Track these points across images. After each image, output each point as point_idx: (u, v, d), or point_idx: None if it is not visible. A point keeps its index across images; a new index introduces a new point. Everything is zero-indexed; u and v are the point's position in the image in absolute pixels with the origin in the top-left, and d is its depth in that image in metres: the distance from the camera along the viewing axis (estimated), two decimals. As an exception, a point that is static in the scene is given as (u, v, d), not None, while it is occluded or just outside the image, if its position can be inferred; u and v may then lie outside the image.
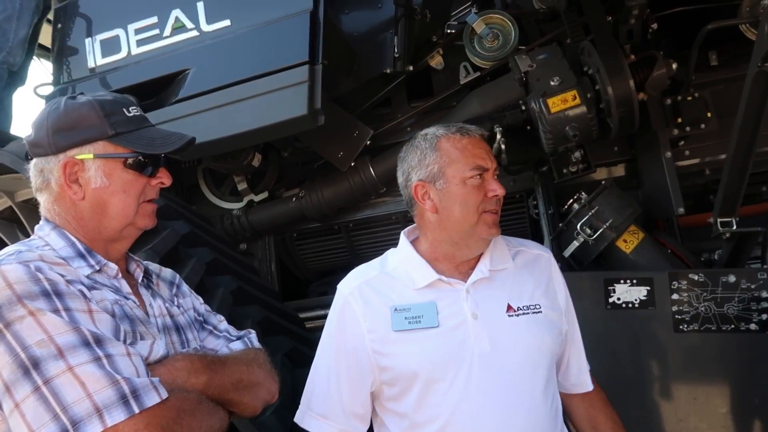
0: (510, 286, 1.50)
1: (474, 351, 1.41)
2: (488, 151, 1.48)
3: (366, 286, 1.50)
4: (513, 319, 1.45)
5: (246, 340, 1.48)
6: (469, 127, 1.51)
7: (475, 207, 1.45)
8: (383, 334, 1.45)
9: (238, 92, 2.51)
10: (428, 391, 1.42)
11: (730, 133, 2.62)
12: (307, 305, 3.00)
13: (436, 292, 1.47)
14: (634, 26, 2.60)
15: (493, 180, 1.47)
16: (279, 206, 3.09)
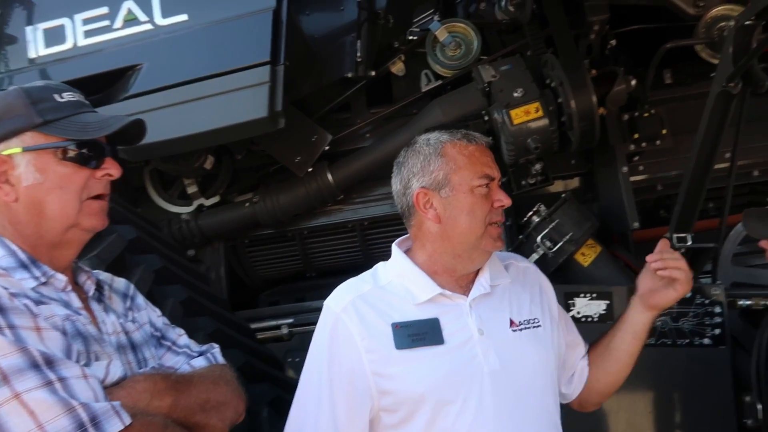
0: (509, 300, 1.44)
1: (483, 369, 1.33)
2: (494, 160, 1.43)
3: (360, 301, 1.37)
4: (517, 335, 1.40)
5: (209, 356, 1.36)
6: (474, 133, 1.44)
7: (482, 217, 1.37)
8: (384, 353, 1.32)
9: (194, 91, 2.40)
10: (438, 415, 1.30)
11: (682, 150, 2.72)
12: (258, 315, 2.88)
13: (437, 307, 1.37)
14: (594, 42, 2.64)
15: (499, 190, 1.41)
16: (231, 211, 2.96)
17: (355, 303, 1.37)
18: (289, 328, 2.76)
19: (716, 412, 2.11)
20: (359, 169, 2.83)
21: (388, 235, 3.02)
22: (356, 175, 2.84)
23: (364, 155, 2.84)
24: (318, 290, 3.09)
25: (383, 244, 3.04)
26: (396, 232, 3.01)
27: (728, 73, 1.81)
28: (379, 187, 2.95)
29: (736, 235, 2.41)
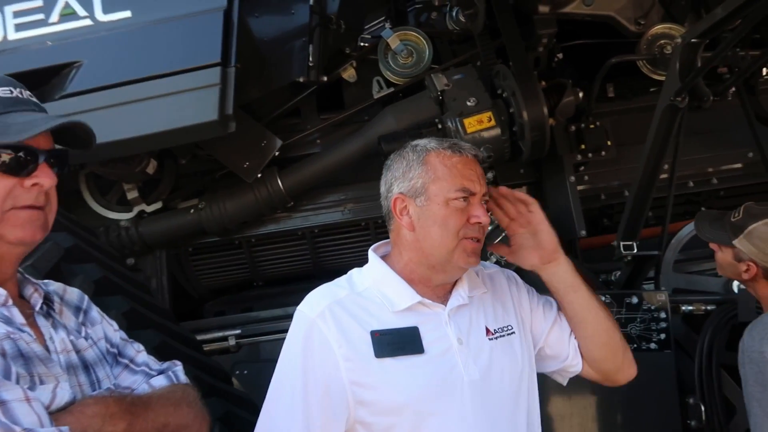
0: (484, 309, 1.42)
1: (464, 379, 1.31)
2: (479, 174, 1.38)
3: (337, 306, 1.32)
4: (493, 343, 1.37)
5: (170, 375, 1.25)
6: (463, 144, 1.40)
7: (455, 231, 1.33)
8: (363, 362, 1.27)
9: (138, 91, 2.28)
10: (419, 427, 1.28)
11: (624, 161, 2.83)
12: (204, 327, 2.76)
13: (416, 315, 1.34)
14: (542, 54, 2.71)
15: (478, 205, 1.35)
16: (174, 218, 2.83)
17: (332, 308, 1.32)
18: (236, 340, 2.65)
19: (662, 413, 2.19)
20: (310, 175, 2.78)
21: (339, 244, 2.98)
22: (307, 181, 2.78)
23: (315, 161, 2.78)
24: (266, 300, 3.00)
25: (334, 253, 3.00)
26: (347, 240, 2.98)
27: (675, 87, 1.88)
28: (331, 194, 2.91)
29: (676, 243, 2.51)
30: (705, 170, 2.92)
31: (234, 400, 2.18)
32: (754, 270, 1.86)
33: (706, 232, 1.98)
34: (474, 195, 1.35)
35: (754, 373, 1.72)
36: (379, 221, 2.88)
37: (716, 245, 1.96)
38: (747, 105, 2.70)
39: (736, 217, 1.90)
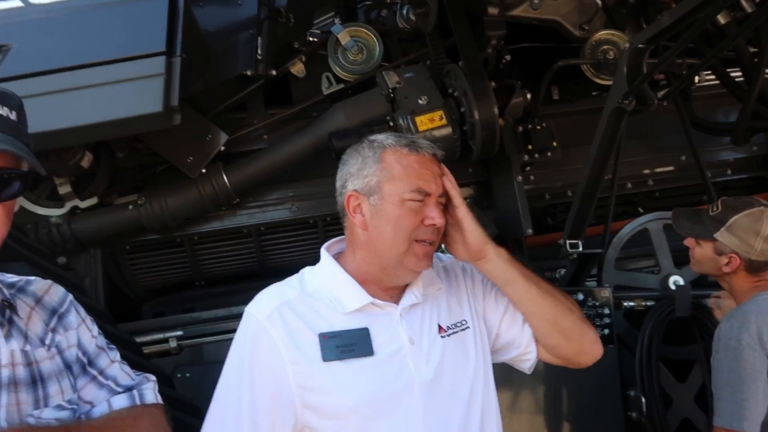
0: (438, 305, 1.39)
1: (415, 380, 1.28)
2: (436, 175, 1.33)
3: (286, 308, 1.29)
4: (446, 341, 1.35)
5: (135, 394, 1.16)
6: (421, 142, 1.35)
7: (407, 233, 1.29)
8: (310, 365, 1.24)
9: (73, 79, 2.15)
10: (366, 429, 1.25)
11: (567, 162, 2.91)
12: (143, 328, 2.63)
13: (367, 316, 1.31)
14: (491, 56, 2.74)
15: (434, 206, 1.31)
16: (111, 215, 2.68)
17: (281, 310, 1.29)
18: (177, 341, 2.54)
19: (605, 406, 2.26)
20: (257, 171, 2.70)
21: (285, 242, 2.92)
22: (254, 178, 2.70)
23: (262, 157, 2.71)
24: (209, 300, 2.89)
25: (281, 251, 2.93)
26: (295, 238, 2.91)
27: (623, 91, 1.94)
28: (278, 191, 2.84)
29: (618, 242, 2.60)
30: (641, 172, 3.04)
31: (176, 405, 2.08)
32: (736, 262, 1.89)
33: (685, 227, 1.99)
34: (429, 196, 1.31)
35: (729, 360, 1.77)
36: (327, 219, 2.84)
37: (693, 240, 1.98)
38: (682, 110, 2.84)
39: (715, 211, 1.93)
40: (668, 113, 2.96)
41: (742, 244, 1.87)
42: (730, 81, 2.78)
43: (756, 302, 1.84)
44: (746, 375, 1.74)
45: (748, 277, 1.92)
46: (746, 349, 1.75)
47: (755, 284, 1.91)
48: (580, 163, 2.41)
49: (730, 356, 1.77)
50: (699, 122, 2.88)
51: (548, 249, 2.84)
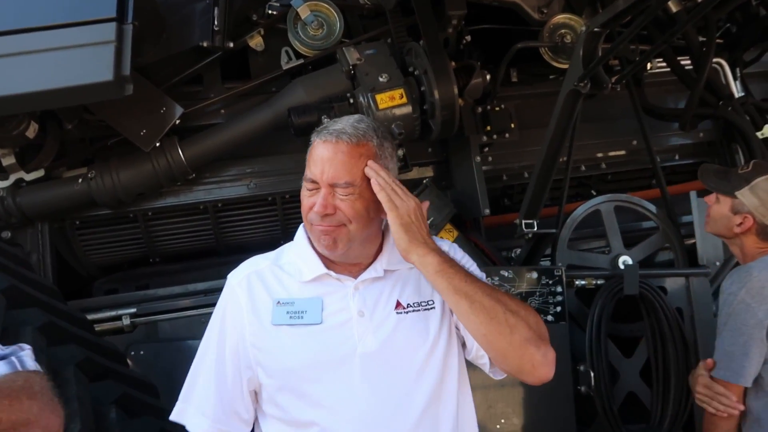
0: (403, 283, 1.42)
1: (356, 350, 1.33)
2: (331, 162, 1.32)
3: (255, 276, 1.44)
4: (401, 317, 1.37)
5: (14, 360, 1.10)
6: (331, 129, 1.36)
7: (305, 214, 1.39)
8: (262, 327, 1.38)
9: (17, 43, 2.04)
10: (305, 392, 1.34)
11: (524, 144, 2.95)
12: (94, 305, 2.57)
13: (323, 287, 1.39)
14: (451, 36, 2.75)
15: (322, 194, 1.33)
16: (59, 188, 2.59)
17: (249, 277, 1.43)
18: (131, 319, 2.49)
19: (556, 380, 2.31)
20: (214, 146, 2.64)
21: (242, 218, 2.88)
22: (210, 152, 2.64)
23: (219, 132, 2.65)
24: (164, 277, 2.84)
25: (238, 228, 2.89)
26: (253, 215, 2.88)
27: (579, 73, 1.98)
28: (235, 167, 2.79)
29: (571, 223, 2.67)
30: (595, 155, 3.12)
31: (130, 382, 2.05)
32: (749, 223, 1.89)
33: (710, 181, 1.99)
34: (317, 184, 1.34)
35: (724, 314, 1.88)
36: (287, 196, 2.81)
37: (713, 197, 1.99)
38: (634, 96, 2.92)
39: (744, 170, 1.94)
40: (621, 99, 3.04)
41: (760, 206, 1.87)
42: (680, 68, 2.87)
43: (764, 261, 1.88)
44: (735, 329, 1.83)
45: (757, 241, 1.93)
46: (740, 304, 1.83)
47: (762, 250, 1.92)
48: (538, 145, 2.45)
49: (727, 309, 1.86)
50: (650, 108, 2.96)
51: (505, 229, 2.90)
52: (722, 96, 2.87)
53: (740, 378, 1.82)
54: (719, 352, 1.89)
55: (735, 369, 1.83)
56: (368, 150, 1.36)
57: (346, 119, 1.42)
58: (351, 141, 1.34)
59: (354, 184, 1.33)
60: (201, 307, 2.57)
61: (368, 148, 1.36)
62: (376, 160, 1.37)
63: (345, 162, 1.33)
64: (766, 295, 1.81)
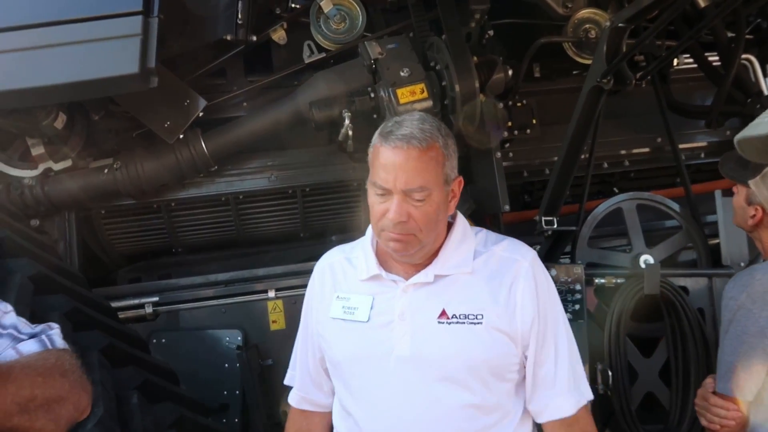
0: (455, 290, 1.39)
1: (393, 352, 1.36)
2: (404, 168, 1.30)
3: (328, 268, 1.57)
4: (443, 327, 1.36)
5: (44, 339, 1.15)
6: (399, 134, 1.33)
7: (375, 221, 1.38)
8: (324, 318, 1.51)
9: (46, 36, 2.08)
10: (348, 383, 1.45)
11: (546, 140, 2.93)
12: (118, 293, 2.62)
13: (378, 286, 1.45)
14: (474, 30, 2.73)
15: (396, 202, 1.31)
16: (86, 178, 2.64)
17: (325, 269, 1.58)
18: (153, 307, 2.54)
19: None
20: (236, 139, 2.67)
21: (264, 210, 2.91)
22: (233, 145, 2.67)
23: (241, 124, 2.68)
24: (185, 267, 2.89)
25: (259, 220, 2.92)
26: (273, 207, 2.91)
27: (602, 69, 1.96)
28: (257, 159, 2.81)
29: (591, 220, 2.64)
30: (618, 152, 3.08)
31: (151, 369, 2.09)
32: (759, 215, 1.79)
33: (729, 169, 1.89)
34: (388, 191, 1.32)
35: (726, 321, 1.78)
36: (306, 189, 2.83)
37: (736, 187, 1.90)
38: (660, 92, 2.87)
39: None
40: (646, 95, 2.99)
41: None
42: (708, 65, 2.81)
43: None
44: (735, 337, 1.73)
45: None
46: (741, 310, 1.71)
47: None
48: (559, 142, 2.43)
49: (728, 316, 1.76)
50: (675, 105, 2.91)
51: (524, 225, 2.88)
52: (750, 93, 2.81)
53: (739, 392, 1.72)
54: (720, 362, 1.79)
55: (736, 383, 1.73)
56: (436, 152, 1.34)
57: (410, 120, 1.38)
58: (421, 145, 1.32)
59: (427, 188, 1.33)
60: (221, 297, 2.61)
61: (436, 149, 1.34)
62: (443, 160, 1.36)
63: (417, 167, 1.32)
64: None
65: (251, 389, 2.44)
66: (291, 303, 2.58)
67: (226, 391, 2.48)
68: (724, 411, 1.74)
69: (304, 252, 3.00)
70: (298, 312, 2.55)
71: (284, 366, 1.72)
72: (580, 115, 2.12)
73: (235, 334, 2.52)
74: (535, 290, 1.39)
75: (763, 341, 1.69)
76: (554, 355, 1.39)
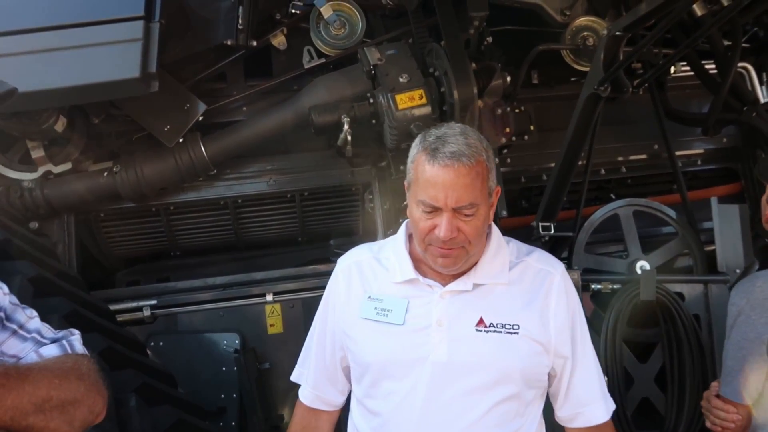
0: (491, 299, 1.41)
1: (429, 357, 1.37)
2: (454, 187, 1.30)
3: (355, 267, 1.54)
4: (481, 335, 1.37)
5: (64, 344, 1.19)
6: (446, 150, 1.31)
7: (422, 236, 1.37)
8: (352, 318, 1.48)
9: (49, 40, 2.10)
10: (377, 385, 1.43)
11: (544, 146, 2.95)
12: (117, 296, 2.62)
13: (413, 289, 1.43)
14: (473, 37, 2.75)
15: (445, 218, 1.31)
16: (85, 181, 2.65)
17: (350, 267, 1.55)
18: (151, 310, 2.54)
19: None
20: (235, 143, 2.68)
21: (262, 214, 2.92)
22: (232, 149, 2.69)
23: (241, 129, 2.69)
24: (184, 270, 2.90)
25: (257, 224, 2.93)
26: (272, 211, 2.92)
27: (599, 77, 1.98)
28: (256, 164, 2.82)
29: (588, 226, 2.66)
30: (615, 159, 3.10)
31: (149, 372, 2.10)
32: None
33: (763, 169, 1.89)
34: (438, 209, 1.33)
35: (729, 326, 1.81)
36: (305, 194, 2.85)
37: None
38: (657, 100, 2.89)
39: None
40: (644, 102, 3.01)
41: None
42: (704, 73, 2.84)
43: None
44: (735, 343, 1.77)
45: None
46: (741, 316, 1.75)
47: None
48: (557, 148, 2.45)
49: (729, 322, 1.80)
50: (672, 112, 2.94)
51: (522, 231, 2.89)
52: (747, 101, 2.83)
53: (739, 396, 1.76)
54: (723, 367, 1.83)
55: (735, 387, 1.76)
56: (482, 167, 1.36)
57: (453, 135, 1.36)
58: (470, 162, 1.32)
59: (476, 204, 1.33)
60: (219, 301, 2.62)
61: (482, 164, 1.35)
62: (487, 174, 1.37)
63: (466, 185, 1.32)
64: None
65: (249, 393, 2.45)
66: (289, 307, 2.59)
67: (223, 395, 2.48)
68: (724, 413, 1.78)
69: (302, 256, 3.01)
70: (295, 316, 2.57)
71: (282, 370, 1.74)
72: (578, 121, 2.14)
73: (233, 338, 2.52)
74: (567, 302, 1.46)
75: (760, 347, 1.73)
76: (586, 364, 1.48)
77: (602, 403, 1.49)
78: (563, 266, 1.50)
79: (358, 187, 2.92)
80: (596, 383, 1.49)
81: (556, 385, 1.48)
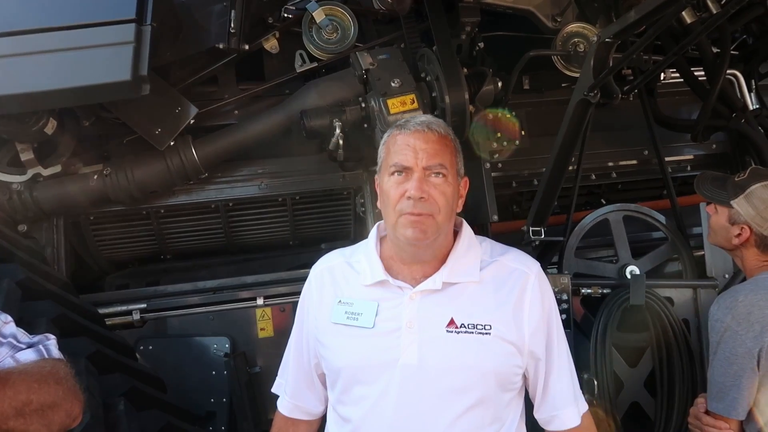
0: (463, 300, 1.39)
1: (399, 360, 1.35)
2: (425, 149, 1.37)
3: (327, 272, 1.53)
4: (451, 336, 1.35)
5: (41, 349, 1.18)
6: (416, 120, 1.44)
7: (393, 205, 1.38)
8: (324, 323, 1.47)
9: (40, 42, 2.09)
10: (348, 390, 1.42)
11: (535, 152, 2.96)
12: (106, 300, 2.61)
13: (383, 292, 1.42)
14: (465, 42, 2.77)
15: (414, 180, 1.35)
16: (75, 184, 2.63)
17: (323, 273, 1.54)
18: (141, 314, 2.53)
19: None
20: (227, 146, 2.68)
21: (253, 218, 2.91)
22: (223, 152, 2.68)
23: (232, 132, 2.69)
24: (174, 274, 2.88)
25: (248, 228, 2.92)
26: (263, 215, 2.91)
27: (589, 83, 1.99)
28: (247, 167, 2.82)
29: (579, 231, 2.67)
30: (605, 164, 3.12)
31: (138, 376, 2.09)
32: (746, 234, 1.78)
33: (706, 190, 1.89)
34: (409, 169, 1.37)
35: (714, 342, 1.79)
36: (296, 197, 2.84)
37: (713, 207, 1.90)
38: (646, 106, 2.92)
39: (741, 177, 1.83)
40: (634, 108, 3.04)
41: (756, 215, 1.76)
42: (693, 79, 2.86)
43: (755, 282, 1.77)
44: (724, 359, 1.75)
45: (758, 254, 1.81)
46: (727, 332, 1.73)
47: (763, 264, 1.81)
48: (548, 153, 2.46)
49: (715, 338, 1.78)
50: (662, 118, 2.96)
51: (512, 236, 2.90)
52: (735, 108, 2.86)
53: (732, 411, 1.75)
54: (711, 383, 1.81)
55: (728, 402, 1.75)
56: (450, 142, 1.45)
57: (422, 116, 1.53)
58: (440, 131, 1.42)
59: (446, 167, 1.39)
60: (209, 305, 2.61)
61: (450, 140, 1.45)
62: (456, 152, 1.47)
63: (437, 148, 1.40)
64: (754, 321, 1.71)
65: (238, 397, 2.44)
66: (279, 311, 2.58)
67: (213, 399, 2.47)
68: (717, 430, 1.77)
69: (293, 260, 3.00)
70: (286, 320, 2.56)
71: (272, 374, 1.71)
72: (568, 127, 2.15)
73: (223, 342, 2.52)
74: (541, 302, 1.43)
75: (751, 362, 1.73)
76: (560, 366, 1.46)
77: (574, 407, 1.48)
78: (539, 266, 1.49)
79: (349, 191, 2.92)
80: (570, 386, 1.48)
81: (533, 387, 1.47)
